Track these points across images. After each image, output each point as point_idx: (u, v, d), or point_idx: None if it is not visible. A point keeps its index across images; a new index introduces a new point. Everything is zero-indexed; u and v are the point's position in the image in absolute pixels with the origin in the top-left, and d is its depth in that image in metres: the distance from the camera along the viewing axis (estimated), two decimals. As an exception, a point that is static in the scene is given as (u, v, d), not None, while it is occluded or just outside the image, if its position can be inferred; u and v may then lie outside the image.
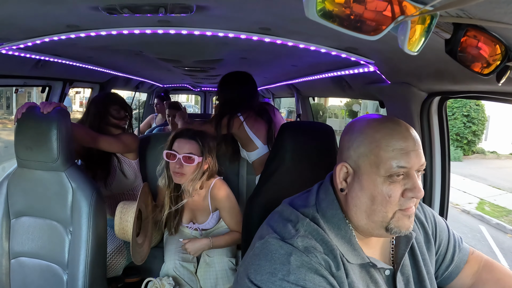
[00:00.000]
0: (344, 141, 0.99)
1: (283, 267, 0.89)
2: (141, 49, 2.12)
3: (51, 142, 1.68)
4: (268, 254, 0.93)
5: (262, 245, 0.96)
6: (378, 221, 0.94)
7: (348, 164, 0.96)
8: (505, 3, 0.63)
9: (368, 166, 0.93)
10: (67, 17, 1.30)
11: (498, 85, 0.85)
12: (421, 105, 1.68)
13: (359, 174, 0.94)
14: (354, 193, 0.96)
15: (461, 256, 1.21)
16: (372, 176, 0.92)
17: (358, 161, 0.94)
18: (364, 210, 0.95)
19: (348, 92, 2.48)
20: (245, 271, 0.95)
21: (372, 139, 0.93)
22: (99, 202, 1.79)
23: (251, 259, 0.96)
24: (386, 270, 1.03)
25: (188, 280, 2.19)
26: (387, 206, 0.92)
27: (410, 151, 0.91)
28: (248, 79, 2.47)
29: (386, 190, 0.91)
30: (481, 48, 0.77)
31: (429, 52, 1.04)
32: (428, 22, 0.67)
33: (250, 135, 2.43)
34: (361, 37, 0.61)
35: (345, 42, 1.43)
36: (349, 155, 0.96)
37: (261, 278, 0.90)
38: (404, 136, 0.92)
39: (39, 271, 1.81)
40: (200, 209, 2.28)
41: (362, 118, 1.00)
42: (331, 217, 0.99)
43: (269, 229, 1.00)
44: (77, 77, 2.97)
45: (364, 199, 0.94)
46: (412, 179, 0.92)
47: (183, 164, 2.05)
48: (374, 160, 0.92)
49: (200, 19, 1.31)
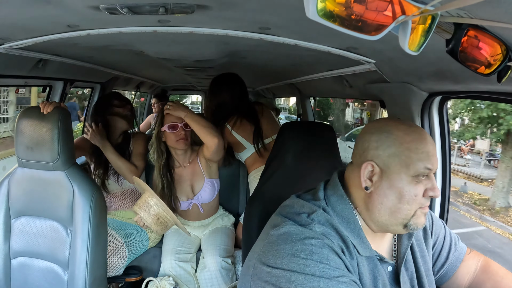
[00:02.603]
0: (371, 141, 1.01)
1: (305, 248, 0.91)
2: (142, 48, 2.12)
3: (52, 142, 1.68)
4: (288, 238, 0.95)
5: (278, 231, 0.98)
6: (401, 218, 0.99)
7: (375, 163, 0.99)
8: (506, 3, 0.62)
9: (398, 166, 0.97)
10: (67, 16, 1.30)
11: (499, 85, 0.85)
12: (422, 105, 1.68)
13: (388, 173, 0.98)
14: (381, 191, 0.99)
15: (457, 255, 1.23)
16: (402, 175, 0.97)
17: (388, 160, 0.98)
18: (389, 207, 0.98)
19: (349, 92, 2.48)
20: (259, 260, 0.96)
21: (403, 140, 0.97)
22: (99, 202, 1.80)
23: (266, 248, 0.97)
24: (389, 266, 1.06)
25: (185, 280, 2.20)
26: (412, 204, 0.97)
27: (433, 155, 0.98)
28: (237, 79, 2.58)
29: (413, 189, 0.97)
30: (482, 48, 0.77)
31: (430, 52, 1.04)
32: (429, 22, 0.67)
33: (238, 138, 2.54)
34: (362, 37, 0.61)
35: (345, 41, 1.43)
36: (378, 155, 0.99)
37: (282, 261, 0.91)
38: (429, 141, 0.99)
39: (40, 271, 1.81)
40: (195, 176, 2.43)
41: (386, 121, 1.06)
42: (341, 211, 1.02)
43: (283, 219, 1.02)
44: (78, 77, 2.96)
45: (391, 197, 0.98)
46: (432, 180, 0.99)
47: (185, 130, 2.29)
48: (404, 160, 0.96)
49: (200, 19, 1.31)
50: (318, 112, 13.74)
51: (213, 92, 2.61)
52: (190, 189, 2.42)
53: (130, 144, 2.56)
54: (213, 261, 2.21)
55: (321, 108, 18.18)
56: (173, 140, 2.30)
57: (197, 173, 2.43)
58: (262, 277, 0.93)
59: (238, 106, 2.55)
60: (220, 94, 2.55)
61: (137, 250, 2.30)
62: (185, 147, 2.35)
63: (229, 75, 2.60)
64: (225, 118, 2.52)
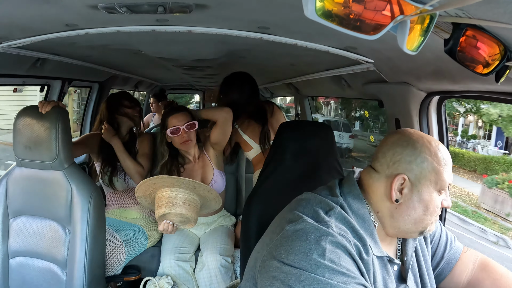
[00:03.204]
0: (403, 155, 1.03)
1: (318, 247, 0.91)
2: (140, 48, 2.12)
3: (50, 141, 1.68)
4: (303, 236, 0.94)
5: (294, 227, 0.97)
6: (421, 227, 1.04)
7: (407, 177, 1.02)
8: (504, 3, 0.63)
9: (428, 182, 1.01)
10: (66, 15, 1.30)
11: (497, 85, 0.85)
12: (420, 104, 1.68)
13: (419, 187, 1.02)
14: (411, 203, 1.02)
15: (453, 254, 1.24)
16: (431, 190, 1.02)
17: (420, 175, 1.01)
18: (415, 218, 1.03)
19: (347, 91, 2.48)
20: (271, 254, 0.95)
21: (436, 157, 1.02)
22: (98, 201, 1.79)
23: (280, 242, 0.96)
24: (395, 266, 1.08)
25: (184, 280, 2.20)
26: (433, 216, 1.04)
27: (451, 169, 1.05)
28: (248, 78, 2.57)
29: (437, 203, 1.03)
30: (480, 48, 0.78)
31: (428, 51, 1.04)
32: (427, 21, 0.67)
33: (245, 138, 2.57)
34: (360, 37, 0.61)
35: (344, 41, 1.43)
36: (411, 169, 1.02)
37: (294, 258, 0.90)
38: (450, 157, 1.06)
39: (38, 271, 1.81)
40: (205, 168, 2.46)
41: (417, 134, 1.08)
42: (357, 210, 1.04)
43: (300, 215, 1.01)
44: (76, 76, 2.96)
45: (419, 210, 1.02)
46: (447, 192, 1.06)
47: (188, 132, 2.30)
48: (435, 177, 1.01)
49: (199, 18, 1.31)
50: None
51: (223, 91, 2.60)
52: (201, 182, 2.40)
53: (136, 144, 2.58)
54: (213, 260, 2.21)
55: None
56: (178, 143, 2.33)
57: (206, 165, 2.46)
58: (270, 271, 0.93)
59: (248, 105, 2.56)
60: (230, 93, 2.55)
61: (136, 249, 2.30)
62: (190, 148, 2.39)
63: (240, 74, 2.60)
64: (235, 117, 2.51)
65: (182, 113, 2.33)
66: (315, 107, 19.82)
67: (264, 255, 0.97)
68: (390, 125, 1.89)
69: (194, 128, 2.32)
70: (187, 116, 2.33)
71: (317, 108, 20.81)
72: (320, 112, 21.75)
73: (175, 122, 2.30)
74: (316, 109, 20.00)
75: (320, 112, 21.75)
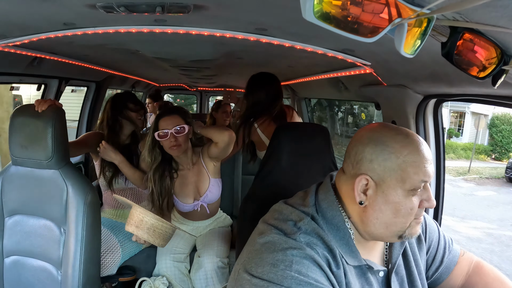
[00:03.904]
0: (365, 153, 0.97)
1: (286, 258, 0.90)
2: (138, 48, 2.12)
3: (46, 140, 1.67)
4: (271, 247, 0.93)
5: (263, 239, 0.97)
6: (396, 230, 0.97)
7: (369, 177, 0.95)
8: (502, 7, 0.63)
9: (394, 181, 0.93)
10: (63, 14, 1.29)
11: (494, 88, 0.85)
12: (416, 107, 1.69)
13: (384, 187, 0.94)
14: (377, 206, 0.96)
15: (451, 258, 1.23)
16: (398, 190, 0.93)
17: (384, 175, 0.94)
18: (385, 222, 0.96)
19: (344, 94, 2.49)
20: (243, 267, 0.95)
21: (400, 154, 0.93)
22: (93, 201, 1.79)
23: (251, 255, 0.96)
24: (380, 272, 1.04)
25: (180, 281, 2.19)
26: (407, 218, 0.95)
27: (429, 165, 0.95)
28: (275, 80, 2.57)
29: (409, 204, 0.94)
30: (477, 52, 0.78)
31: (426, 54, 1.04)
32: (425, 25, 0.67)
33: (262, 138, 2.55)
34: (358, 39, 0.61)
35: (342, 43, 1.43)
36: (373, 168, 0.95)
37: (262, 270, 0.90)
38: (425, 151, 0.95)
39: (33, 270, 1.80)
40: (200, 177, 2.38)
41: (381, 129, 0.99)
42: (331, 218, 1.00)
43: (269, 227, 1.01)
44: (73, 75, 2.95)
45: (387, 212, 0.95)
46: (428, 191, 0.96)
47: (176, 137, 2.18)
48: (401, 175, 0.93)
49: (197, 19, 1.31)
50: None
51: (250, 90, 2.59)
52: (196, 190, 2.39)
53: (139, 146, 2.58)
54: (210, 261, 2.20)
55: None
56: (166, 147, 2.22)
57: (202, 174, 2.39)
58: (243, 284, 0.92)
59: (272, 106, 2.55)
60: (256, 93, 2.53)
61: (131, 250, 2.29)
62: (179, 153, 2.26)
63: (267, 75, 2.58)
64: (256, 116, 2.53)
65: (173, 116, 2.22)
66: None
67: (239, 268, 0.97)
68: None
69: (183, 132, 2.20)
70: (178, 120, 2.21)
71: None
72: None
73: (164, 125, 2.19)
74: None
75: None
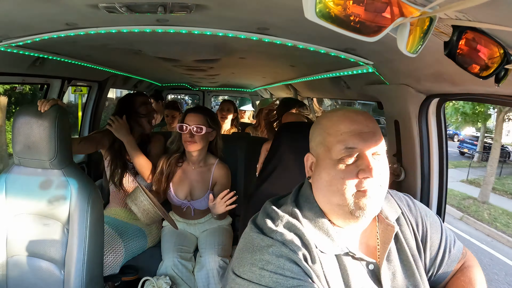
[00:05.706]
0: (310, 134, 1.08)
1: (263, 257, 0.93)
2: (140, 47, 2.12)
3: (49, 140, 1.67)
4: (250, 247, 0.96)
5: (244, 239, 1.00)
6: (339, 203, 0.97)
7: (311, 154, 1.06)
8: (504, 6, 0.63)
9: (323, 153, 1.00)
10: (66, 15, 1.30)
11: (497, 87, 0.85)
12: (419, 106, 1.68)
13: (319, 161, 1.02)
14: (315, 178, 1.03)
15: (453, 259, 1.19)
16: (327, 161, 0.99)
17: (317, 149, 1.03)
18: (324, 194, 1.01)
19: (347, 93, 2.48)
20: (231, 266, 0.98)
21: (324, 126, 1.02)
22: (96, 200, 1.79)
23: (236, 254, 1.00)
24: (370, 264, 1.04)
25: (186, 279, 2.19)
26: (342, 187, 0.96)
27: (360, 133, 0.97)
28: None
29: (340, 173, 0.96)
30: (480, 51, 0.78)
31: (428, 54, 1.04)
32: (427, 24, 0.67)
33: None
34: (360, 39, 0.61)
35: (344, 43, 1.43)
36: (312, 146, 1.06)
37: (243, 270, 0.93)
38: (354, 119, 0.99)
39: (36, 270, 1.80)
40: (200, 183, 2.45)
41: (328, 111, 1.09)
42: (308, 210, 1.04)
43: (251, 226, 1.04)
44: (75, 75, 2.96)
45: (322, 182, 1.00)
46: (365, 160, 0.95)
47: (194, 134, 2.30)
48: (326, 146, 0.99)
49: (199, 19, 1.31)
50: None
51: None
52: (189, 191, 2.43)
53: (148, 145, 2.60)
54: (211, 260, 2.21)
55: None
56: (183, 140, 2.34)
57: (203, 182, 2.45)
58: (229, 283, 0.96)
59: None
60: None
61: (135, 249, 2.30)
62: (191, 150, 2.35)
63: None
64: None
65: (198, 115, 2.34)
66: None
67: (229, 267, 1.00)
68: (389, 127, 1.89)
69: (200, 133, 2.30)
70: (201, 119, 2.33)
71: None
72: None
73: (187, 120, 2.32)
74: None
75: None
